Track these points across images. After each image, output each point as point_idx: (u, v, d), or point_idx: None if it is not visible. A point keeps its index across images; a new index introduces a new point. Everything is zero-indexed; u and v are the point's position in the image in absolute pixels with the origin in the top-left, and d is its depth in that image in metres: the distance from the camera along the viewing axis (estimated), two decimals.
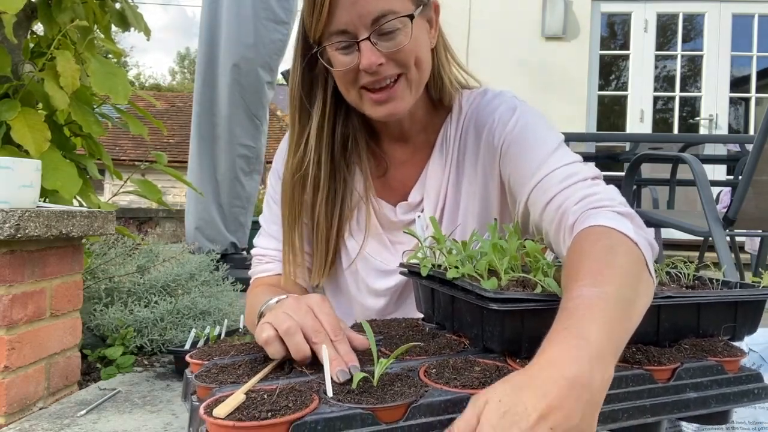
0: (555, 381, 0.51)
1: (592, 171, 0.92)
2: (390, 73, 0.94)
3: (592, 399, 0.52)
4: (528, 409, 0.49)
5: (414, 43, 0.94)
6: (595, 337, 0.56)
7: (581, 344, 0.55)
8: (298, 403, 0.55)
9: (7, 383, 1.32)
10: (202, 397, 0.63)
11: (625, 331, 0.61)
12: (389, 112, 0.97)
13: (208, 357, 0.75)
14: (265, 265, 1.14)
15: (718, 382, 0.72)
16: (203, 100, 3.42)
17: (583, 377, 0.52)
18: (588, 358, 0.53)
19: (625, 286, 0.63)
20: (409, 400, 0.56)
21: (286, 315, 0.70)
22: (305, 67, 1.02)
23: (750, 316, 0.83)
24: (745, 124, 6.04)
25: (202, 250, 3.01)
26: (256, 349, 0.78)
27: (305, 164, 1.05)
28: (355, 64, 0.93)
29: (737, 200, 2.16)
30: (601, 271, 0.65)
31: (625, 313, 0.61)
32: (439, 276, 0.82)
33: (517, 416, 0.49)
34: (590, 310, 0.58)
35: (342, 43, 0.93)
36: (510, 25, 5.73)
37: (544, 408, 0.49)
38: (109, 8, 2.02)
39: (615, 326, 0.58)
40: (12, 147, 1.68)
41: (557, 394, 0.50)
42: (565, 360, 0.53)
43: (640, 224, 0.79)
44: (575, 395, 0.51)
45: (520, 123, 1.01)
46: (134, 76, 36.26)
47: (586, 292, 0.61)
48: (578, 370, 0.52)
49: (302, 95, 1.04)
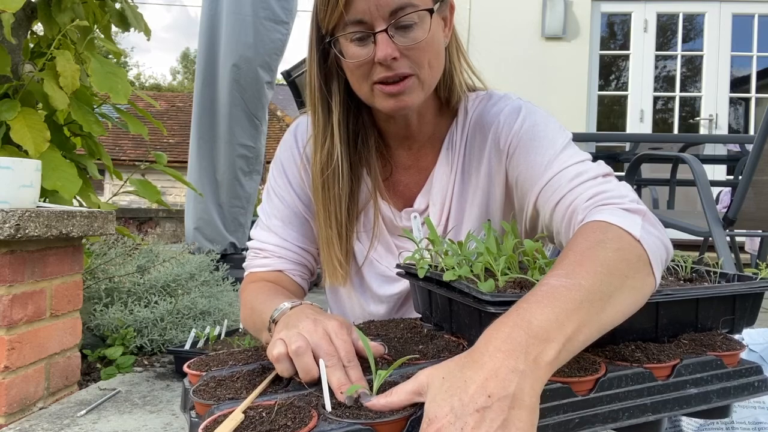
0: (491, 355, 0.55)
1: (602, 168, 0.91)
2: (403, 70, 0.93)
3: (529, 372, 0.54)
4: (467, 381, 0.54)
5: (430, 39, 0.93)
6: (539, 320, 0.57)
7: (521, 324, 0.57)
8: (297, 421, 0.54)
9: (7, 383, 1.32)
10: (200, 414, 0.62)
11: (595, 323, 0.61)
12: (400, 105, 0.95)
13: (206, 367, 0.75)
14: (263, 260, 1.10)
15: (718, 376, 0.72)
16: (203, 100, 3.42)
17: (516, 351, 0.55)
18: (525, 337, 0.56)
19: (601, 281, 0.63)
20: (408, 413, 0.56)
21: (300, 335, 0.70)
22: (320, 58, 1.00)
23: (748, 308, 0.83)
24: (745, 124, 6.04)
25: (202, 250, 3.01)
26: (254, 357, 0.77)
27: (335, 156, 1.02)
28: (369, 56, 0.91)
29: (737, 200, 2.16)
30: (579, 263, 0.65)
31: (593, 306, 0.61)
32: (436, 277, 0.81)
33: (458, 389, 0.53)
34: (547, 297, 0.60)
35: (357, 34, 0.91)
36: (510, 25, 5.73)
37: (481, 378, 0.53)
38: (109, 8, 2.02)
39: (571, 315, 0.59)
40: (12, 147, 1.68)
41: (492, 366, 0.54)
42: (500, 337, 0.56)
43: (653, 222, 0.77)
44: (509, 366, 0.54)
45: (527, 123, 1.00)
46: (134, 76, 36.28)
47: (553, 282, 0.62)
48: (511, 345, 0.55)
49: (321, 86, 1.02)
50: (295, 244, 1.12)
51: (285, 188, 1.13)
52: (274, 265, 1.10)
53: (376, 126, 1.10)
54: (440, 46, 0.98)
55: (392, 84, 0.94)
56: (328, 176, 1.04)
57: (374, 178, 1.09)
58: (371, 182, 1.09)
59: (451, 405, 0.52)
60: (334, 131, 1.02)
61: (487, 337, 0.58)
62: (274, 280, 1.09)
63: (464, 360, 0.57)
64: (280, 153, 1.15)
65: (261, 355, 0.79)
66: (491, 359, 0.55)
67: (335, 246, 1.07)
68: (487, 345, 0.56)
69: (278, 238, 1.11)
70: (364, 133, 1.08)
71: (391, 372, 0.62)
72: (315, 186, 1.06)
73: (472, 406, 0.51)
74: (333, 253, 1.08)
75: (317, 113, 1.03)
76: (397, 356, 0.70)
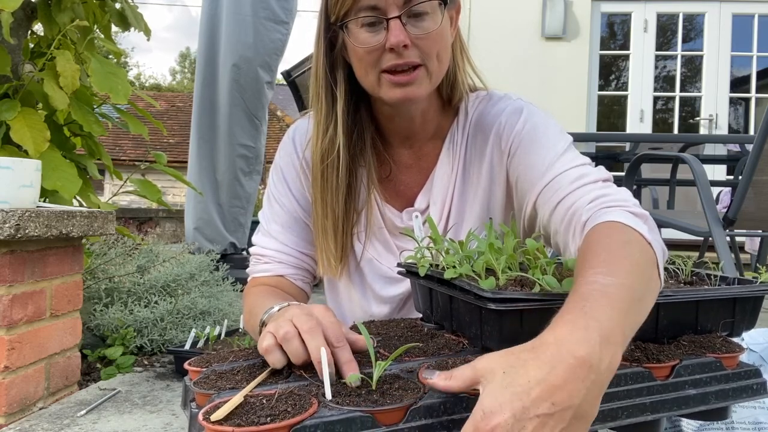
0: (562, 359, 0.51)
1: (602, 173, 0.91)
2: (413, 59, 0.93)
3: (598, 381, 0.52)
4: (531, 382, 0.50)
5: (440, 31, 0.94)
6: (608, 321, 0.55)
7: (593, 325, 0.54)
8: (297, 407, 0.55)
9: (7, 383, 1.32)
10: (200, 404, 0.63)
11: (635, 323, 0.61)
12: (406, 95, 0.95)
13: (206, 364, 0.75)
14: (264, 265, 1.12)
15: (717, 378, 0.72)
16: (203, 100, 3.42)
17: (591, 358, 0.51)
18: (598, 340, 0.53)
19: (638, 281, 0.63)
20: (408, 402, 0.56)
21: (287, 321, 0.70)
22: (327, 46, 1.01)
23: (748, 311, 0.83)
24: (745, 124, 6.04)
25: (202, 250, 3.01)
26: (255, 354, 0.78)
27: (336, 144, 1.02)
28: (380, 42, 0.92)
29: (737, 200, 2.16)
30: (616, 262, 0.64)
31: (635, 306, 0.61)
32: (437, 276, 0.81)
33: (519, 388, 0.50)
34: (605, 297, 0.58)
35: (369, 19, 0.91)
36: (510, 25, 5.73)
37: (548, 384, 0.50)
38: (109, 8, 2.02)
39: (626, 316, 0.58)
40: (12, 147, 1.68)
41: (562, 372, 0.50)
42: (574, 339, 0.53)
43: (653, 226, 0.79)
44: (581, 375, 0.50)
45: (528, 124, 1.01)
46: (134, 76, 36.28)
47: (600, 279, 0.60)
48: (587, 351, 0.52)
49: (327, 75, 1.02)
50: (295, 248, 1.12)
51: (284, 193, 1.13)
52: (275, 270, 1.11)
53: (374, 123, 1.11)
54: (448, 41, 0.99)
55: (401, 73, 0.94)
56: (327, 165, 1.04)
57: (369, 174, 1.09)
58: (366, 179, 1.09)
59: (511, 406, 0.49)
60: (337, 120, 1.02)
61: (558, 335, 0.54)
62: (276, 285, 1.10)
63: (529, 355, 0.53)
64: (279, 159, 1.16)
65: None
66: (562, 363, 0.51)
67: (329, 236, 1.07)
68: (559, 345, 0.53)
69: (278, 243, 1.12)
70: (361, 128, 1.08)
71: (390, 363, 0.63)
72: (314, 175, 1.06)
73: (534, 411, 0.49)
74: (327, 243, 1.08)
75: (321, 102, 1.03)
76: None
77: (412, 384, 0.61)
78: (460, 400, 0.57)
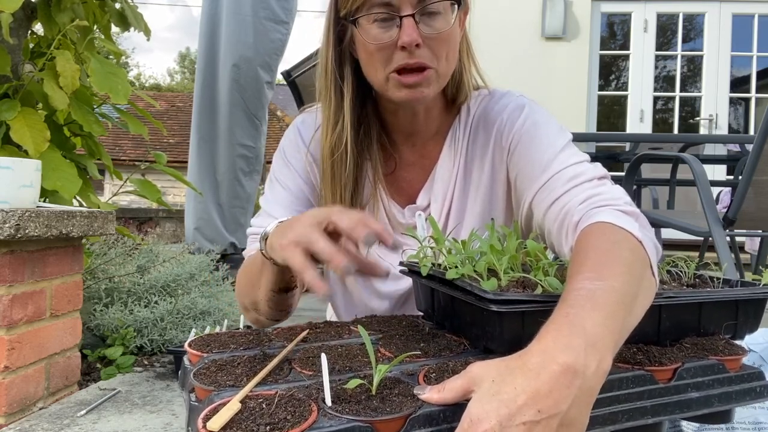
0: (546, 366, 0.52)
1: (598, 171, 0.91)
2: (423, 60, 0.93)
3: (585, 386, 0.52)
4: (517, 389, 0.50)
5: (451, 31, 0.94)
6: (592, 326, 0.55)
7: (577, 332, 0.54)
8: (296, 416, 0.54)
9: (7, 383, 1.32)
10: (200, 397, 0.63)
11: (626, 326, 0.61)
12: (416, 96, 0.95)
13: (207, 348, 0.75)
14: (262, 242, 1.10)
15: (719, 380, 0.72)
16: (203, 100, 3.42)
17: (576, 364, 0.52)
18: (583, 346, 0.53)
19: (628, 282, 0.63)
20: (408, 411, 0.56)
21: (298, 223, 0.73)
22: (335, 41, 1.00)
23: (751, 314, 0.82)
24: (745, 124, 6.04)
25: (202, 250, 3.01)
26: (255, 341, 0.78)
27: (344, 139, 1.02)
28: (392, 39, 0.91)
29: (737, 200, 2.15)
30: (605, 264, 0.64)
31: (626, 308, 0.61)
32: (438, 276, 0.81)
33: (506, 396, 0.50)
34: (590, 301, 0.58)
35: (382, 15, 0.91)
36: (510, 25, 5.72)
37: (533, 392, 0.50)
38: (109, 8, 2.02)
39: (615, 320, 0.58)
40: (12, 147, 1.68)
41: (547, 380, 0.51)
42: (558, 347, 0.53)
43: (645, 224, 0.79)
44: (566, 382, 0.51)
45: (529, 122, 1.01)
46: (134, 76, 36.27)
47: (588, 285, 0.61)
48: (571, 357, 0.52)
49: (335, 70, 1.01)
50: None
51: (289, 176, 1.11)
52: None
53: (379, 119, 1.10)
54: (457, 42, 0.99)
55: (410, 73, 0.94)
56: (335, 160, 1.03)
57: (375, 169, 1.09)
58: (372, 174, 1.09)
59: (498, 413, 0.50)
60: (345, 115, 1.02)
61: (543, 345, 0.55)
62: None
63: (516, 363, 0.54)
64: (283, 143, 1.14)
65: (262, 339, 0.79)
66: (546, 370, 0.51)
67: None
68: (543, 353, 0.53)
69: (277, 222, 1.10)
70: (367, 124, 1.08)
71: (391, 368, 0.62)
72: (324, 170, 1.06)
73: (520, 419, 0.49)
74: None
75: (329, 96, 1.03)
76: (398, 353, 0.71)
77: (412, 389, 0.61)
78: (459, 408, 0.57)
